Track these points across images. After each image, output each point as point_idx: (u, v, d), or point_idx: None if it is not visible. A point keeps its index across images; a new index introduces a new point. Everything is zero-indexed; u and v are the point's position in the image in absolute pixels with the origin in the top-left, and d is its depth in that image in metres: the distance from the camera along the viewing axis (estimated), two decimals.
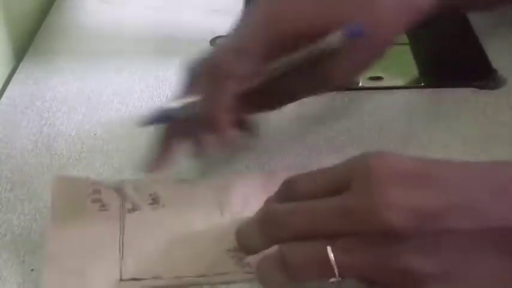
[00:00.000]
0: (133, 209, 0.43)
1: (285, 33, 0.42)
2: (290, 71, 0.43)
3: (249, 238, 0.38)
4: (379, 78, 0.56)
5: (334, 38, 0.41)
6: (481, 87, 0.54)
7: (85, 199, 0.44)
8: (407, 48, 0.58)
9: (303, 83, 0.45)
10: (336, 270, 0.34)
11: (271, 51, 0.42)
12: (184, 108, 0.42)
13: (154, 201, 0.44)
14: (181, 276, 0.40)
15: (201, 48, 0.52)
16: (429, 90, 0.55)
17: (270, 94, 0.45)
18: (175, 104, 0.42)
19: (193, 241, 0.42)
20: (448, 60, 0.56)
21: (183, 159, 0.46)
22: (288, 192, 0.38)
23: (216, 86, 0.41)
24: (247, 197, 0.44)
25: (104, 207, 0.44)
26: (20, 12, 0.65)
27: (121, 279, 0.40)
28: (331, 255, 0.34)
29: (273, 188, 0.41)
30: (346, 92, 0.55)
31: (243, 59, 0.41)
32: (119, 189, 0.45)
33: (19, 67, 0.60)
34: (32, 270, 0.41)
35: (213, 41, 0.62)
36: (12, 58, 0.62)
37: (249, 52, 0.41)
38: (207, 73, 0.41)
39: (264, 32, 0.41)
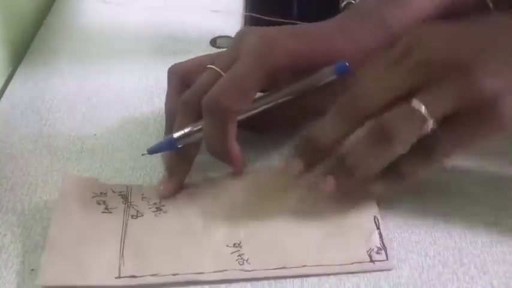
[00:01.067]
0: (137, 215, 0.44)
1: (281, 69, 0.44)
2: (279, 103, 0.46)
3: (327, 126, 0.41)
4: None
5: (325, 75, 0.45)
6: None
7: (90, 199, 0.44)
8: None
9: (290, 113, 0.47)
10: (428, 117, 0.38)
11: (266, 85, 0.45)
12: (189, 136, 0.45)
13: (158, 209, 0.44)
14: (179, 273, 0.40)
15: (201, 48, 0.53)
16: None
17: (258, 122, 0.47)
18: (180, 133, 0.45)
19: (193, 239, 0.42)
20: None
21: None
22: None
23: (219, 124, 0.43)
24: (247, 196, 0.44)
25: (107, 209, 0.44)
26: (20, 13, 0.65)
27: (119, 276, 0.40)
28: (422, 105, 0.38)
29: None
30: None
31: (241, 96, 0.44)
32: (125, 195, 0.45)
33: (19, 67, 0.60)
34: (32, 270, 0.41)
35: (213, 41, 0.62)
36: (12, 58, 0.62)
37: (247, 89, 0.44)
38: (208, 110, 0.43)
39: (260, 69, 0.44)
